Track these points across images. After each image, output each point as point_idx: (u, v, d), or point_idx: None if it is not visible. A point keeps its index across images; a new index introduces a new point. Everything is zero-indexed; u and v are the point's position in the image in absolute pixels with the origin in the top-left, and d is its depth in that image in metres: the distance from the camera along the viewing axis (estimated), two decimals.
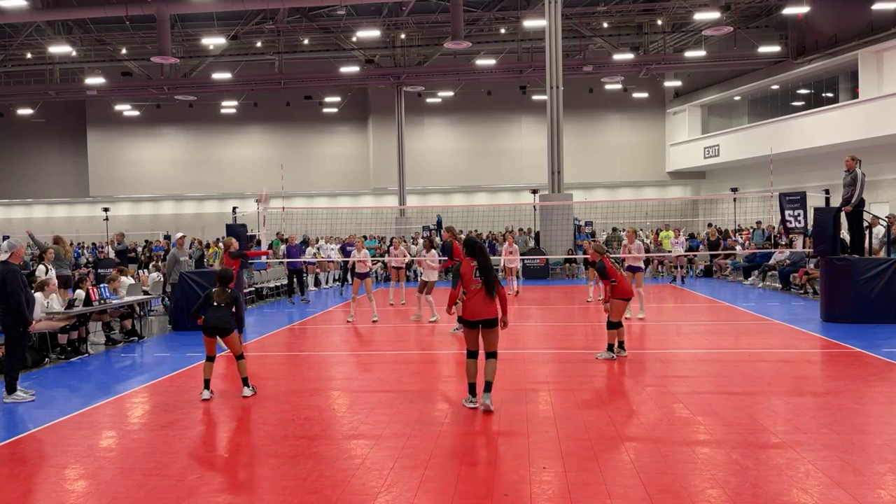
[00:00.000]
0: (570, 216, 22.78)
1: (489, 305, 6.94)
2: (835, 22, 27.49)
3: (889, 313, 11.87)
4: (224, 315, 7.73)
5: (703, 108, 37.97)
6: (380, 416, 6.95)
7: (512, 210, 32.06)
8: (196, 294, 13.29)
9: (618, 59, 30.65)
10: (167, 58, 25.88)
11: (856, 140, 25.34)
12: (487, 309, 6.94)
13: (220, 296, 7.80)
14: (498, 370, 6.93)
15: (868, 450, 5.67)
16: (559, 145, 22.29)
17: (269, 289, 19.89)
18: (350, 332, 13.25)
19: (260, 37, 31.76)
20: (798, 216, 16.01)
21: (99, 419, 7.24)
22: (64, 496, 5.12)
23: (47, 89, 32.96)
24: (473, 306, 6.96)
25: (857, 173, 12.40)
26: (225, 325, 7.72)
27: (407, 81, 33.89)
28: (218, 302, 7.76)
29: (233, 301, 7.81)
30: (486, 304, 6.94)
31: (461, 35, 24.77)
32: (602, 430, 6.31)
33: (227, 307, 7.77)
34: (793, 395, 7.47)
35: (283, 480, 5.27)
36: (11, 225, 41.30)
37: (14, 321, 7.94)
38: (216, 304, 7.76)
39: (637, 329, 12.66)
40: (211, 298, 7.83)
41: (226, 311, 7.75)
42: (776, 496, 4.75)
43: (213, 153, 41.16)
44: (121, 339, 12.26)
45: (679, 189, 40.47)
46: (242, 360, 7.90)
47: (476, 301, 6.96)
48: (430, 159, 39.41)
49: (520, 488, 5.00)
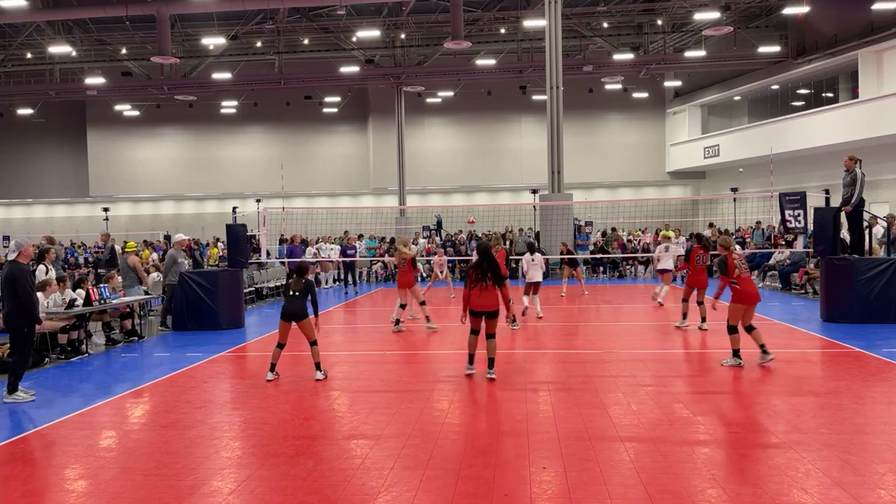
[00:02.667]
0: (570, 216, 22.75)
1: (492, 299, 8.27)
2: (835, 22, 27.48)
3: (889, 313, 11.87)
4: (298, 303, 8.42)
5: (703, 108, 37.97)
6: (380, 416, 6.95)
7: (512, 210, 32.05)
8: (196, 294, 13.34)
9: (618, 59, 30.64)
10: (167, 58, 25.87)
11: (856, 140, 25.33)
12: (490, 303, 8.27)
13: (296, 285, 8.51)
14: (498, 370, 7.04)
15: (868, 450, 5.67)
16: (559, 145, 22.28)
17: (269, 289, 19.89)
18: (350, 333, 13.26)
19: (260, 37, 31.75)
20: (798, 216, 15.99)
21: (99, 419, 7.24)
22: (64, 496, 5.12)
23: (47, 89, 32.96)
24: (479, 300, 8.27)
25: (856, 173, 12.40)
26: (298, 311, 8.41)
27: (407, 81, 33.88)
28: (294, 291, 8.48)
29: (307, 290, 8.49)
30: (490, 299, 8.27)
31: (461, 35, 24.76)
32: (602, 430, 6.31)
33: (301, 296, 8.45)
34: (793, 395, 7.47)
35: (283, 480, 5.27)
36: (11, 225, 41.31)
37: (25, 320, 7.94)
38: (292, 294, 8.47)
39: (637, 328, 12.66)
40: (288, 288, 8.59)
41: (301, 299, 8.44)
42: (776, 496, 4.75)
43: (213, 153, 41.15)
44: (121, 339, 12.26)
45: (679, 189, 40.47)
46: (315, 346, 8.62)
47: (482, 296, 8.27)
48: (430, 159, 39.41)
49: (520, 488, 5.00)
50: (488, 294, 8.25)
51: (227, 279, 13.68)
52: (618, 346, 10.65)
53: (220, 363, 10.11)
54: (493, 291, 8.27)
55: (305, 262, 9.07)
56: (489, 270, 8.27)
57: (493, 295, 8.27)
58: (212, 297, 13.35)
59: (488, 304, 8.27)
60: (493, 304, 8.29)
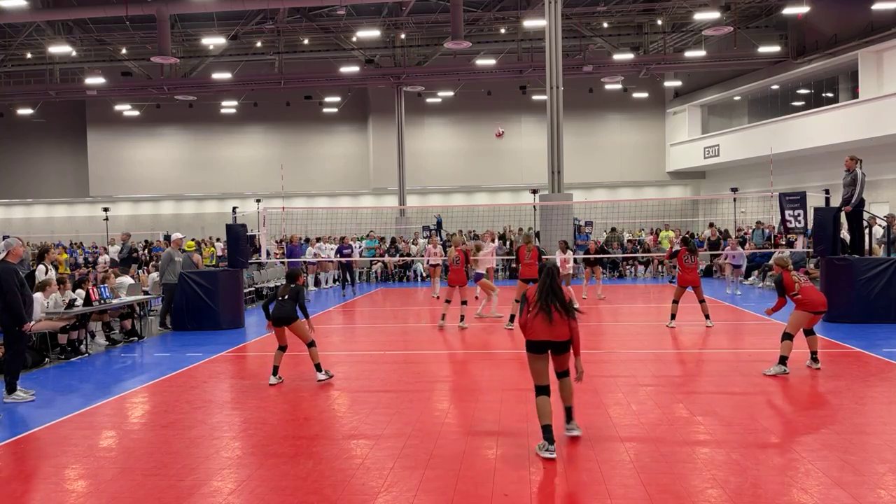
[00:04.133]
0: (571, 216, 22.74)
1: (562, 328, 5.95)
2: (835, 22, 27.48)
3: (889, 313, 11.87)
4: (286, 306, 8.44)
5: (703, 108, 37.97)
6: (380, 416, 6.95)
7: (512, 210, 32.05)
8: (196, 294, 13.35)
9: (618, 59, 30.64)
10: (167, 58, 25.87)
11: (856, 140, 25.33)
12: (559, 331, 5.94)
13: (284, 290, 8.58)
14: (499, 369, 6.83)
15: (868, 450, 5.67)
16: (559, 145, 22.28)
17: (269, 289, 19.88)
18: (350, 333, 13.25)
19: (260, 37, 31.75)
20: (798, 216, 15.99)
21: (99, 419, 7.23)
22: (64, 496, 5.12)
23: (47, 89, 32.95)
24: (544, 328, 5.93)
25: (856, 173, 12.39)
26: (287, 315, 8.41)
27: (407, 81, 33.88)
28: (282, 296, 8.52)
29: (295, 295, 8.53)
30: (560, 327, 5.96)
31: (461, 35, 24.76)
32: (602, 430, 6.31)
33: (290, 300, 8.47)
34: (793, 394, 7.47)
35: (283, 480, 5.27)
36: (11, 225, 41.29)
37: (10, 320, 7.89)
38: (281, 298, 8.51)
39: (637, 328, 12.66)
40: (277, 293, 8.68)
41: (289, 303, 8.45)
42: (776, 496, 4.75)
43: (213, 153, 41.14)
44: (121, 339, 12.26)
45: (679, 189, 40.47)
46: (313, 347, 8.59)
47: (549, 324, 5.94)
48: (430, 159, 39.40)
49: (520, 488, 5.00)
50: (556, 321, 5.93)
51: (227, 279, 13.68)
52: (618, 346, 10.65)
53: (220, 363, 10.11)
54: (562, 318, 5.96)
55: (295, 268, 9.14)
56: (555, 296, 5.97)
57: (563, 322, 5.96)
58: (212, 297, 13.36)
59: (557, 333, 5.91)
60: (562, 332, 5.93)
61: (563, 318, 5.95)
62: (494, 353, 10.46)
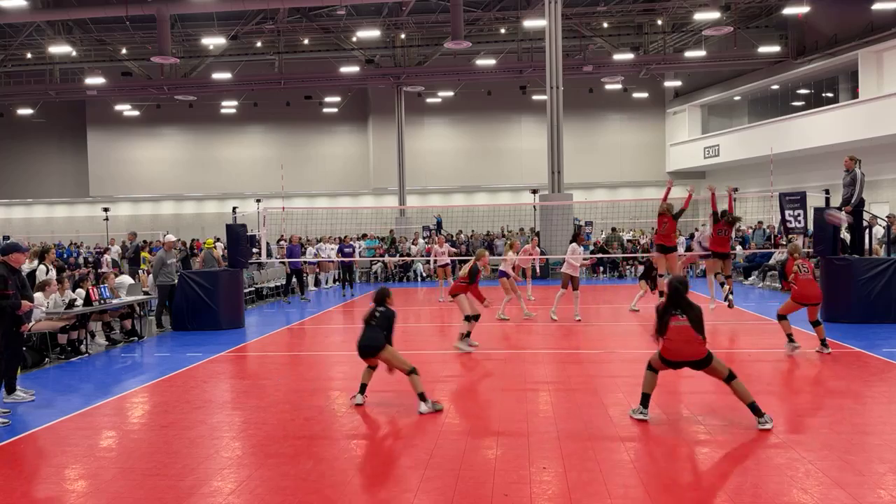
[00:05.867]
0: (571, 216, 22.75)
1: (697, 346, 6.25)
2: (835, 22, 27.48)
3: (889, 313, 11.86)
4: (374, 334, 7.18)
5: (703, 108, 37.95)
6: (380, 416, 6.95)
7: (512, 210, 32.05)
8: (196, 294, 13.34)
9: (618, 59, 30.63)
10: (167, 58, 25.87)
11: (856, 140, 25.32)
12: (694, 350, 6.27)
13: (371, 315, 7.31)
14: (498, 370, 6.85)
15: (868, 450, 5.67)
16: (559, 145, 22.29)
17: (269, 289, 19.89)
18: (350, 333, 13.23)
19: (260, 37, 31.74)
20: (798, 216, 15.98)
21: (99, 419, 7.23)
22: (64, 496, 5.12)
23: (47, 89, 32.94)
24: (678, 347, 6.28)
25: (856, 173, 12.39)
26: (374, 343, 7.15)
27: (407, 81, 33.87)
28: (369, 321, 7.29)
29: (386, 322, 7.23)
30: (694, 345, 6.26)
31: (461, 35, 24.75)
32: (602, 430, 6.31)
33: (378, 327, 7.20)
34: (793, 394, 7.47)
35: (283, 480, 5.27)
36: (11, 225, 41.29)
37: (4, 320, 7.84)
38: (368, 324, 7.29)
39: (637, 329, 12.65)
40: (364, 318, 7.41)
41: (378, 331, 7.18)
42: (776, 496, 4.75)
43: (213, 153, 41.13)
44: (121, 339, 12.26)
45: (679, 189, 40.38)
46: (413, 374, 7.09)
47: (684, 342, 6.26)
48: (430, 159, 39.39)
49: (520, 488, 5.00)
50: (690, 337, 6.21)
51: (227, 279, 13.68)
52: (618, 346, 10.65)
53: (220, 363, 10.11)
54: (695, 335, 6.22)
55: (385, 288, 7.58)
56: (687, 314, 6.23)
57: (697, 340, 6.22)
58: (212, 297, 13.35)
59: (692, 353, 6.23)
60: (698, 351, 6.22)
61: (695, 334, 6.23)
62: (495, 353, 10.45)
